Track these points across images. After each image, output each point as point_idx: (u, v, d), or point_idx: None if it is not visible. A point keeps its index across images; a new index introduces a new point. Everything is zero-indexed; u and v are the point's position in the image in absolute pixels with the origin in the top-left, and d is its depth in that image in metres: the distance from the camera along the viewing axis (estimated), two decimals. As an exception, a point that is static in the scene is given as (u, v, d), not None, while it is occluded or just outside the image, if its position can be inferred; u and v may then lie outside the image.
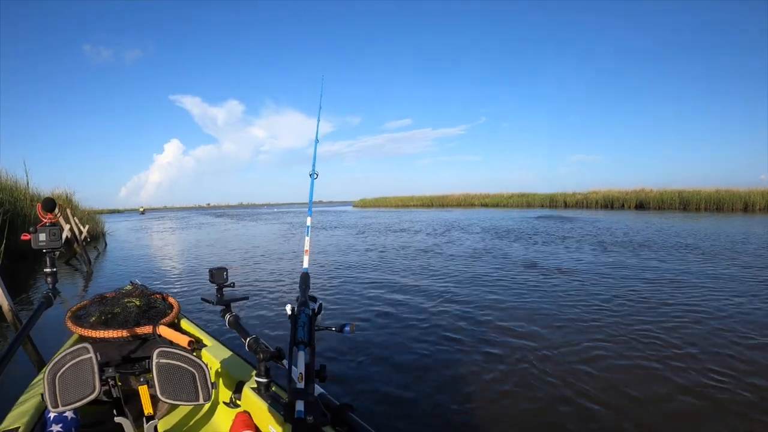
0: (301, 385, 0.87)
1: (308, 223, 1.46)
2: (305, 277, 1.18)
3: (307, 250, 1.29)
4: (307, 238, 1.34)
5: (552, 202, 34.87)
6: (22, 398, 1.42)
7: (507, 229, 14.34)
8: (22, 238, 1.49)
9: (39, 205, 1.51)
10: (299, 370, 0.90)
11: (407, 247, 10.46)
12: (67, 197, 15.12)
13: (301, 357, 0.92)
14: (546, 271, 6.60)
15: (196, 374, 1.22)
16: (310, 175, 1.53)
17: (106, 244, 14.04)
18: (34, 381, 1.53)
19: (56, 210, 1.54)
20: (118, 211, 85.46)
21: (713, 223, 15.02)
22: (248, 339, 1.43)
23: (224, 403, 1.57)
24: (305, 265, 1.23)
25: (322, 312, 1.06)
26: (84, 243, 11.50)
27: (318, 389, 1.32)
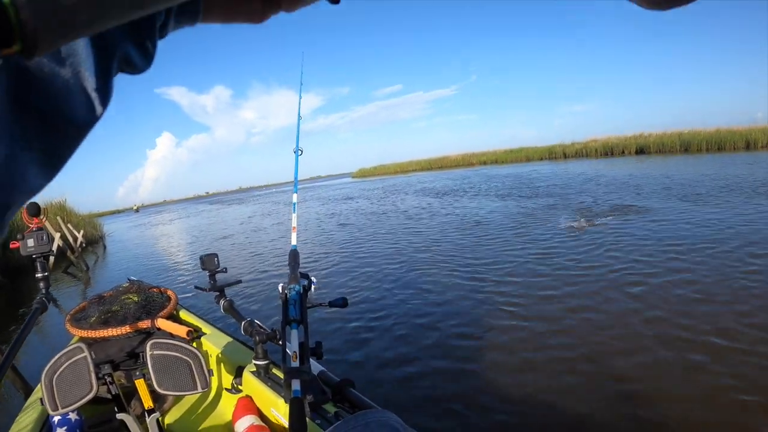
0: (295, 364, 0.83)
1: (294, 200, 1.39)
2: (294, 254, 1.11)
3: (294, 227, 1.24)
4: (294, 215, 1.29)
5: (551, 154, 34.49)
6: (25, 406, 1.44)
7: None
8: (11, 246, 1.48)
9: (24, 211, 1.47)
10: (293, 349, 0.86)
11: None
12: (60, 205, 14.99)
13: (295, 336, 0.88)
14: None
15: (192, 363, 1.21)
16: (294, 151, 1.46)
17: (105, 247, 14.02)
18: (37, 388, 1.54)
19: (42, 214, 1.51)
20: (119, 212, 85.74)
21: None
22: (243, 323, 1.43)
23: (226, 389, 1.59)
24: (293, 242, 1.16)
25: (315, 288, 1.02)
26: (80, 249, 11.44)
27: (318, 366, 1.33)
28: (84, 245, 12.82)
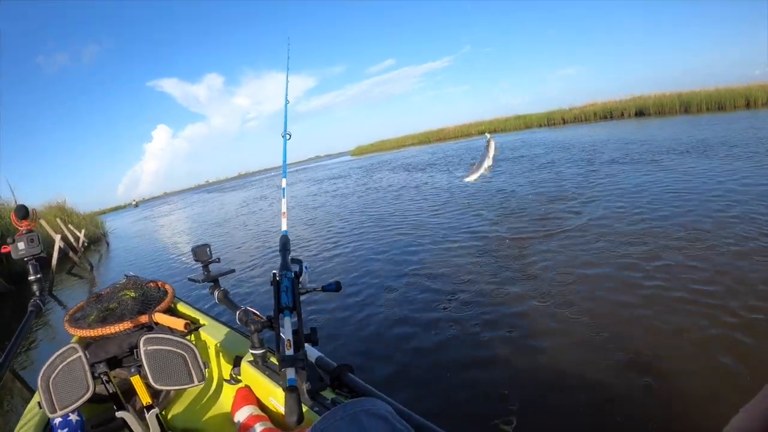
0: (290, 352, 0.83)
1: (283, 185, 1.38)
2: (285, 240, 1.12)
3: (284, 213, 1.23)
4: (283, 200, 1.28)
5: (550, 120, 34.02)
6: (26, 410, 1.45)
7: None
8: (2, 250, 1.49)
9: (12, 215, 1.48)
10: (288, 337, 0.86)
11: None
12: (59, 206, 14.97)
13: (288, 323, 0.89)
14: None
15: (186, 356, 1.21)
16: (282, 136, 1.46)
17: (108, 245, 14.08)
18: (37, 392, 1.52)
19: (31, 216, 1.51)
20: (120, 208, 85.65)
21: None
22: (238, 312, 1.41)
23: (225, 380, 1.59)
24: (283, 227, 1.17)
25: (307, 273, 1.02)
26: (83, 248, 11.51)
27: (315, 352, 1.32)
28: (86, 244, 12.88)
